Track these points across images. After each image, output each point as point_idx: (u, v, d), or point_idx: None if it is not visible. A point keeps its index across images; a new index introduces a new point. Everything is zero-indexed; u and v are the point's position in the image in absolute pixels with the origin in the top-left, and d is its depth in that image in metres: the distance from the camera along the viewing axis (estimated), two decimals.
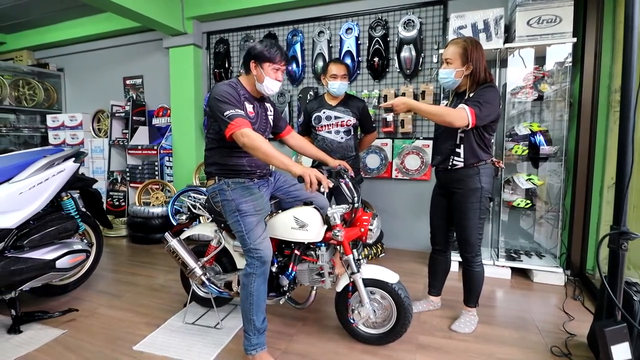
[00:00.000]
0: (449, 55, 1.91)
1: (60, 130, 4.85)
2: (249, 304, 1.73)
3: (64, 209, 2.41)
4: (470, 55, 1.86)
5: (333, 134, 2.55)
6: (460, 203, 1.96)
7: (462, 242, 2.02)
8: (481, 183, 1.92)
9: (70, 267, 2.23)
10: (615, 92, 2.67)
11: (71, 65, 5.19)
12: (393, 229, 3.52)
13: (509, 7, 2.91)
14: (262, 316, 1.76)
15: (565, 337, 1.99)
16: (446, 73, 1.93)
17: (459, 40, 1.93)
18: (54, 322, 2.18)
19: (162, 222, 3.78)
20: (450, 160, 1.97)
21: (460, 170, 1.95)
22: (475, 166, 1.93)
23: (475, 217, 1.94)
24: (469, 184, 1.93)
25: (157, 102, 4.54)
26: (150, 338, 2.01)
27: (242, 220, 1.73)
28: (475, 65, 1.87)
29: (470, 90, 1.91)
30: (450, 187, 2.02)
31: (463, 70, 1.89)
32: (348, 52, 3.51)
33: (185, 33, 4.03)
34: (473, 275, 2.04)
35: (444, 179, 2.06)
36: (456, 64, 1.89)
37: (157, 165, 4.19)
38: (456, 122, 1.78)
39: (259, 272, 1.71)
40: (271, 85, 1.79)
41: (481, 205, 1.93)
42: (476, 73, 1.88)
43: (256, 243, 1.71)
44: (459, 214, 1.99)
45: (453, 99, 2.05)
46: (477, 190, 1.92)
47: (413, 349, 1.91)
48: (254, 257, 1.71)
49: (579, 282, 2.77)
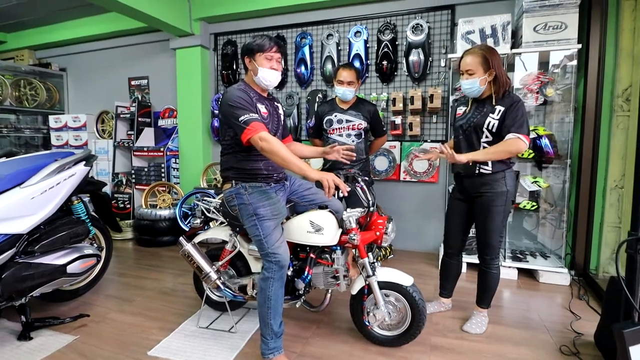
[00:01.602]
0: (470, 67, 1.92)
1: (63, 132, 4.80)
2: (266, 308, 1.74)
3: (75, 213, 2.39)
4: (491, 62, 1.89)
5: (344, 137, 2.58)
6: (486, 206, 1.99)
7: (483, 245, 2.05)
8: (507, 186, 1.96)
9: (81, 272, 2.21)
10: (618, 97, 2.73)
11: (74, 65, 5.15)
12: (401, 231, 3.55)
13: (516, 13, 2.95)
14: (280, 320, 1.77)
15: (573, 337, 2.04)
16: (470, 83, 1.94)
17: (476, 50, 1.95)
18: (64, 328, 2.16)
19: (169, 224, 3.77)
20: (477, 168, 1.99)
21: (488, 175, 1.98)
22: (502, 171, 1.96)
23: (499, 220, 1.97)
24: (495, 188, 1.96)
25: (163, 103, 4.53)
26: (164, 343, 2.01)
27: (260, 225, 1.74)
28: (497, 70, 1.90)
29: (496, 95, 1.94)
30: (475, 192, 2.03)
31: (486, 78, 1.91)
32: (357, 55, 3.53)
33: (192, 34, 4.02)
34: (490, 276, 2.08)
35: (468, 184, 2.07)
36: (479, 73, 1.92)
37: (164, 167, 4.19)
38: (521, 151, 1.86)
39: (277, 276, 1.73)
40: (267, 75, 1.78)
41: (505, 208, 1.97)
42: (499, 78, 1.91)
43: (274, 247, 1.72)
44: (483, 217, 2.01)
45: (472, 105, 2.06)
46: (503, 194, 1.95)
47: (427, 350, 1.94)
48: (271, 262, 1.72)
49: (583, 282, 2.82)
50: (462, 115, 2.10)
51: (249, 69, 1.82)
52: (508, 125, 1.86)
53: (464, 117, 2.07)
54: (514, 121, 1.85)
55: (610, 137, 2.79)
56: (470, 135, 2.02)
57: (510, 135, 1.85)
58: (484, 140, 1.98)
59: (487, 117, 1.94)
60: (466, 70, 1.94)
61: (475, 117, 2.00)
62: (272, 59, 1.77)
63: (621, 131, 2.74)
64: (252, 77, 1.82)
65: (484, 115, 1.96)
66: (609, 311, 1.87)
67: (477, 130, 1.98)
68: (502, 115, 1.90)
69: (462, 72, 1.98)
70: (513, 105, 1.88)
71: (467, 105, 2.10)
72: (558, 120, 3.03)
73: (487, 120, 1.94)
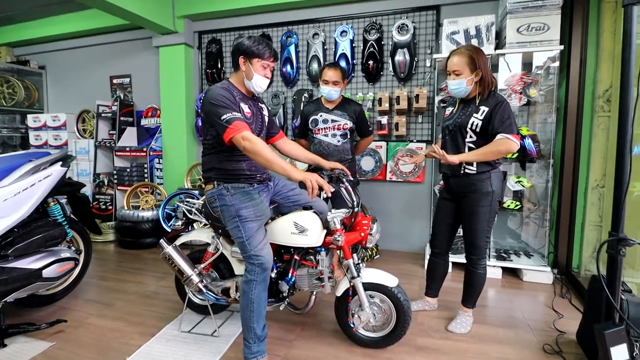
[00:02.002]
0: (457, 67, 1.92)
1: (42, 131, 4.68)
2: (249, 311, 1.71)
3: (51, 216, 2.33)
4: (478, 62, 1.89)
5: (330, 137, 2.56)
6: (471, 206, 1.99)
7: (469, 245, 2.06)
8: (492, 187, 1.96)
9: (58, 276, 2.16)
10: (599, 97, 2.78)
11: (54, 63, 5.02)
12: (387, 231, 3.55)
13: (500, 14, 2.98)
14: (263, 323, 1.75)
15: (556, 335, 2.07)
16: (457, 84, 1.95)
17: (463, 50, 1.95)
18: (40, 334, 2.10)
19: (152, 226, 3.69)
20: (462, 168, 2.00)
21: (473, 175, 1.98)
22: (487, 171, 1.97)
23: (484, 220, 1.98)
24: (480, 188, 1.97)
25: (146, 102, 4.44)
26: (145, 348, 1.96)
27: (243, 226, 1.71)
28: (483, 70, 1.91)
29: (480, 95, 1.94)
30: (461, 192, 2.04)
31: (473, 78, 1.92)
32: (343, 55, 3.52)
33: (175, 32, 3.95)
34: (476, 276, 2.08)
35: (454, 184, 2.08)
36: (465, 73, 1.92)
37: (147, 168, 4.10)
38: (512, 150, 1.87)
39: (260, 279, 1.70)
40: (260, 82, 1.77)
41: (491, 208, 1.98)
42: (485, 78, 1.92)
43: (257, 249, 1.69)
44: (469, 217, 2.02)
45: (459, 106, 2.07)
46: (488, 194, 1.96)
47: (412, 351, 1.93)
48: (254, 264, 1.69)
49: (566, 280, 2.87)
50: (449, 115, 2.10)
51: (240, 69, 1.77)
52: (496, 126, 1.86)
53: (450, 117, 2.08)
54: (502, 122, 1.85)
55: (591, 137, 2.84)
56: (455, 135, 2.02)
57: (499, 136, 1.85)
58: (469, 140, 1.98)
59: (471, 118, 1.94)
60: (453, 70, 1.94)
61: (460, 117, 2.00)
62: (267, 67, 1.77)
63: (602, 131, 2.79)
64: (242, 78, 1.78)
65: (468, 115, 1.95)
66: (591, 309, 1.89)
67: (461, 130, 1.98)
68: (487, 116, 1.89)
69: (449, 73, 1.98)
70: (498, 106, 1.88)
71: (455, 106, 2.10)
72: (541, 121, 3.07)
73: (471, 121, 1.93)
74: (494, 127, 1.87)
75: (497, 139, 1.86)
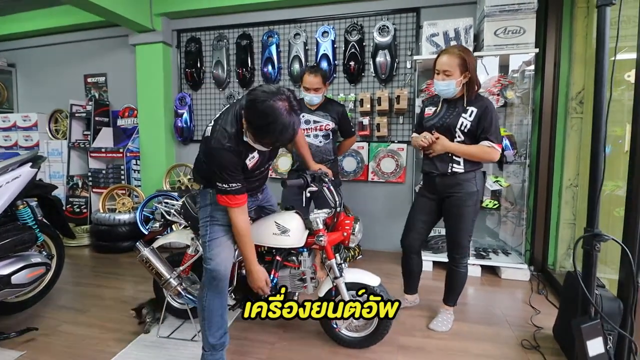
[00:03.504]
0: (448, 67, 1.88)
1: (11, 132, 4.48)
2: (202, 318, 1.67)
3: (20, 219, 2.23)
4: (468, 64, 1.87)
5: (312, 138, 2.54)
6: (458, 206, 1.99)
7: (453, 244, 2.07)
8: (477, 186, 1.98)
9: (28, 282, 2.07)
10: (572, 99, 2.87)
11: (24, 60, 4.83)
12: (369, 231, 3.56)
13: (478, 17, 3.04)
14: (220, 332, 1.68)
15: (534, 331, 2.12)
16: (446, 85, 1.91)
17: (455, 50, 1.90)
18: (10, 344, 2.01)
19: (129, 229, 3.58)
20: (450, 167, 1.98)
21: (460, 174, 1.98)
22: (473, 171, 1.98)
23: (469, 220, 2.00)
24: (467, 188, 1.97)
25: (123, 101, 4.32)
26: (121, 355, 1.90)
27: (210, 227, 1.67)
28: (472, 72, 1.89)
29: (468, 96, 1.93)
30: (447, 192, 2.02)
31: (462, 80, 1.89)
32: (324, 56, 3.52)
33: (153, 30, 3.86)
34: (458, 275, 2.10)
35: (440, 184, 2.04)
36: (455, 75, 1.88)
37: (123, 169, 3.99)
38: (493, 160, 1.95)
39: (211, 286, 1.63)
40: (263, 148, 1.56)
41: (476, 208, 2.00)
42: (473, 80, 1.90)
43: (212, 253, 1.63)
44: (454, 217, 2.02)
45: (443, 105, 2.04)
46: (474, 194, 1.97)
47: (394, 350, 1.94)
48: (206, 268, 1.64)
49: (542, 277, 2.95)
50: (432, 115, 2.06)
51: None
52: (485, 131, 1.88)
53: (434, 117, 2.04)
54: (490, 128, 1.87)
55: (565, 138, 2.93)
56: (443, 135, 1.98)
57: (486, 142, 1.88)
58: (457, 140, 1.96)
59: (460, 118, 1.93)
60: (443, 70, 1.90)
61: (448, 117, 1.98)
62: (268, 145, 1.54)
63: (575, 132, 2.88)
64: None
65: (457, 115, 1.94)
66: (566, 305, 1.95)
67: (450, 130, 1.96)
68: (476, 118, 1.89)
69: (437, 72, 1.93)
70: (487, 110, 1.88)
71: (437, 106, 2.06)
72: (517, 122, 3.15)
73: (460, 121, 1.92)
74: (483, 131, 1.89)
75: (485, 145, 1.88)
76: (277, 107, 1.31)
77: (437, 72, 1.94)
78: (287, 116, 1.32)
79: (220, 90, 3.98)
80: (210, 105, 4.04)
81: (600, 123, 1.21)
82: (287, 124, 1.33)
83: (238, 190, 1.52)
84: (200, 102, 4.06)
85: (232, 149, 1.46)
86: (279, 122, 1.31)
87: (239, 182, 1.52)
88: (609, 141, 2.30)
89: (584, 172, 2.82)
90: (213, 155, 1.48)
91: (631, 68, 1.90)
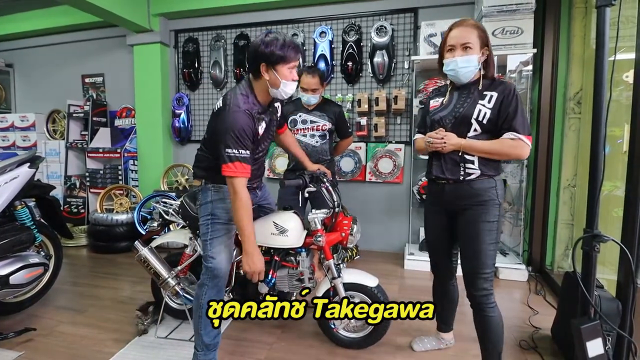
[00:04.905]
0: (467, 40, 1.50)
1: (9, 132, 4.48)
2: (198, 316, 1.66)
3: (18, 219, 2.23)
4: (487, 38, 1.54)
5: (308, 138, 2.54)
6: (474, 223, 1.54)
7: (470, 275, 1.57)
8: (498, 198, 1.53)
9: (26, 283, 2.08)
10: (570, 100, 2.88)
11: (22, 61, 4.82)
12: (367, 231, 3.56)
13: (476, 17, 3.05)
14: (215, 332, 1.68)
15: (532, 331, 2.11)
16: (466, 61, 1.51)
17: (468, 21, 1.55)
18: (8, 344, 2.01)
19: (127, 229, 3.58)
20: (462, 170, 1.55)
21: (475, 181, 1.54)
22: (492, 177, 1.55)
23: (490, 241, 1.52)
24: (485, 198, 1.53)
25: (120, 102, 4.32)
26: (119, 356, 1.90)
27: (212, 226, 1.66)
28: (490, 50, 1.56)
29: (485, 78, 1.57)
30: (460, 204, 1.58)
31: (480, 57, 1.53)
32: (322, 56, 3.52)
33: (151, 30, 3.86)
34: (489, 322, 1.57)
35: (451, 194, 1.60)
36: (476, 49, 1.51)
37: (121, 169, 3.98)
38: (523, 157, 1.51)
39: (211, 284, 1.64)
40: (288, 89, 1.56)
41: (498, 225, 1.54)
42: (491, 58, 1.56)
43: (213, 252, 1.64)
44: (469, 238, 1.56)
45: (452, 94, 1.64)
46: (495, 206, 1.53)
47: (392, 351, 1.94)
48: (206, 266, 1.64)
49: (540, 277, 2.95)
50: (439, 107, 1.65)
51: (262, 77, 1.54)
52: (508, 120, 1.47)
53: (442, 108, 1.63)
54: (515, 116, 1.46)
55: (563, 138, 2.94)
56: (456, 129, 1.56)
57: (509, 134, 1.47)
58: (472, 134, 1.54)
59: (476, 106, 1.52)
60: (461, 44, 1.51)
61: (461, 106, 1.57)
62: (294, 68, 1.55)
63: (573, 133, 2.89)
64: (266, 87, 1.56)
65: (473, 103, 1.53)
66: (565, 305, 1.96)
67: (464, 122, 1.55)
68: (497, 105, 1.49)
69: (452, 47, 1.55)
70: (510, 94, 1.48)
71: (444, 96, 1.67)
72: None
73: (477, 109, 1.51)
74: (506, 119, 1.48)
75: (509, 139, 1.47)
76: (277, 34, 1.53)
77: (450, 49, 1.55)
78: None
79: (217, 90, 3.98)
80: (207, 106, 4.04)
81: (600, 123, 1.21)
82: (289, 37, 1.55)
83: (246, 159, 1.52)
84: (198, 102, 4.06)
85: (248, 112, 1.53)
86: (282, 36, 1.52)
87: (248, 150, 1.53)
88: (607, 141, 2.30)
89: (582, 173, 2.83)
90: (229, 119, 1.51)
91: (629, 68, 1.90)
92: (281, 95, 1.58)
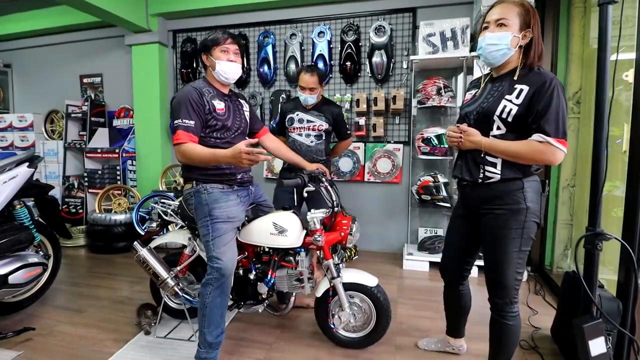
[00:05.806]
0: (503, 15, 1.33)
1: (7, 132, 4.47)
2: (202, 315, 1.67)
3: (17, 219, 2.23)
4: (532, 19, 1.33)
5: (303, 137, 2.53)
6: (495, 229, 1.42)
7: (493, 284, 1.48)
8: (526, 202, 1.36)
9: (25, 282, 2.07)
10: (569, 99, 2.88)
11: (20, 61, 4.81)
12: (366, 231, 3.55)
13: (474, 17, 3.05)
14: (217, 331, 1.69)
15: (532, 331, 2.11)
16: (497, 37, 1.32)
17: None
18: (7, 344, 2.01)
19: (125, 229, 3.58)
20: (481, 172, 1.43)
21: (497, 184, 1.40)
22: (518, 179, 1.38)
23: (514, 249, 1.39)
24: (509, 203, 1.38)
25: (119, 102, 4.31)
26: (118, 355, 1.89)
27: (212, 226, 1.67)
28: (535, 34, 1.34)
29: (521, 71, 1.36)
30: (481, 207, 1.47)
31: (519, 38, 1.33)
32: (320, 56, 3.52)
33: (149, 30, 3.85)
34: (505, 330, 1.49)
35: (472, 196, 1.50)
36: (513, 28, 1.32)
37: (119, 170, 3.97)
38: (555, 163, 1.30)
39: (217, 283, 1.65)
40: (225, 68, 1.73)
41: (524, 232, 1.38)
42: (535, 47, 1.34)
43: (219, 252, 1.65)
44: (491, 245, 1.45)
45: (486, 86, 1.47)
46: (520, 212, 1.37)
47: (393, 351, 1.94)
48: (213, 267, 1.65)
49: (539, 277, 2.95)
50: (470, 99, 1.52)
51: (207, 66, 1.78)
52: (537, 118, 1.28)
53: (472, 102, 1.49)
54: (545, 114, 1.25)
55: None
56: (479, 126, 1.42)
57: (537, 136, 1.28)
58: (496, 133, 1.38)
59: (501, 101, 1.35)
60: (495, 20, 1.34)
61: (487, 100, 1.41)
62: (228, 51, 1.73)
63: (572, 132, 2.89)
64: (212, 72, 1.77)
65: (499, 97, 1.37)
66: (565, 305, 1.95)
67: (486, 119, 1.39)
68: (527, 100, 1.30)
69: (486, 26, 1.38)
70: (546, 88, 1.26)
71: (479, 88, 1.51)
72: None
73: (502, 105, 1.34)
74: (536, 117, 1.28)
75: (537, 141, 1.28)
76: None
77: (485, 26, 1.38)
78: None
79: None
80: None
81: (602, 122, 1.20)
82: None
83: (189, 128, 1.63)
84: None
85: (195, 88, 1.70)
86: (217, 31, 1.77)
87: (194, 121, 1.64)
88: None
89: (581, 173, 2.83)
90: (177, 96, 1.71)
91: (628, 68, 1.90)
92: (221, 76, 1.75)
